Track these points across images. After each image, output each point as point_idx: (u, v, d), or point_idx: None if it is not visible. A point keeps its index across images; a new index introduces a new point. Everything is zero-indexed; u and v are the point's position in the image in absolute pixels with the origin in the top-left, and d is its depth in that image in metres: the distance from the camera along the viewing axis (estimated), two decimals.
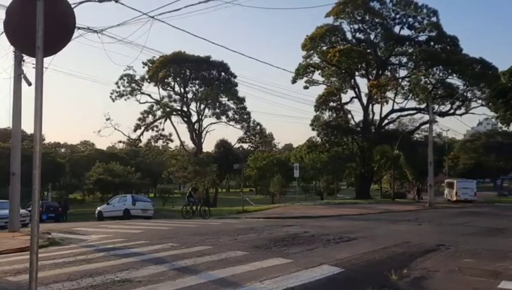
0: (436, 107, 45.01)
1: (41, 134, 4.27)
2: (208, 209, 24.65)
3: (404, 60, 48.38)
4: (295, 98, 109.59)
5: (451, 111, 47.13)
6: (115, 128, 50.80)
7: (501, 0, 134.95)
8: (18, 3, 4.42)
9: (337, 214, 23.43)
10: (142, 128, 52.74)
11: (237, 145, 61.39)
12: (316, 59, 49.30)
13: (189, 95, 54.10)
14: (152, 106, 52.74)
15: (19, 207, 15.56)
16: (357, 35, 48.66)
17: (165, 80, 51.94)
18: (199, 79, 53.12)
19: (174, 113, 53.22)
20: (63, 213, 34.20)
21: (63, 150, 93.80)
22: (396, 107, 48.78)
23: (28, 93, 14.82)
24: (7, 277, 6.77)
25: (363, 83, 50.01)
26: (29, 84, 14.62)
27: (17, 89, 14.89)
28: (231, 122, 54.43)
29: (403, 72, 49.11)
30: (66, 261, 8.06)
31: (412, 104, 48.12)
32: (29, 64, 15.08)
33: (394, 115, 49.63)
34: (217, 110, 53.75)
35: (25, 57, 14.75)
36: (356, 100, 49.43)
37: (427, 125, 38.47)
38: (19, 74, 14.84)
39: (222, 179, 67.31)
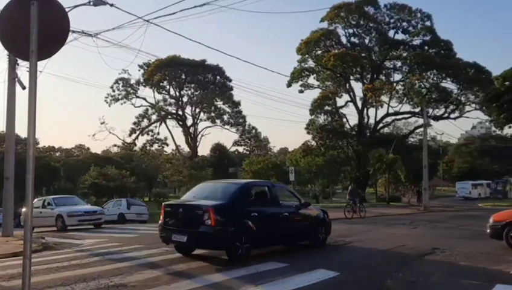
0: (430, 111, 45.11)
1: (35, 138, 4.24)
2: (364, 208, 22.50)
3: (399, 64, 48.54)
4: (290, 102, 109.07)
5: (446, 115, 47.31)
6: (110, 132, 50.84)
7: (495, 5, 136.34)
8: (12, 7, 4.39)
9: (333, 217, 23.32)
10: (137, 132, 52.68)
11: (232, 149, 61.48)
12: (311, 63, 49.35)
13: (185, 99, 54.13)
14: (147, 109, 52.73)
15: (13, 211, 15.46)
16: (352, 39, 48.78)
17: (161, 84, 51.85)
18: (194, 83, 53.08)
19: (169, 116, 53.18)
20: None
21: (57, 154, 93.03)
22: (391, 111, 48.89)
23: (22, 96, 14.78)
24: (0, 282, 6.71)
25: (358, 87, 49.98)
26: (23, 87, 14.54)
27: (11, 93, 14.81)
28: (226, 126, 54.55)
29: (397, 76, 49.23)
30: (59, 266, 8.00)
31: (407, 108, 48.27)
32: (23, 68, 15.01)
33: (389, 119, 49.75)
34: (212, 114, 53.78)
35: (19, 61, 14.67)
36: (351, 104, 49.44)
37: (422, 129, 38.63)
38: (13, 78, 14.76)
39: None
